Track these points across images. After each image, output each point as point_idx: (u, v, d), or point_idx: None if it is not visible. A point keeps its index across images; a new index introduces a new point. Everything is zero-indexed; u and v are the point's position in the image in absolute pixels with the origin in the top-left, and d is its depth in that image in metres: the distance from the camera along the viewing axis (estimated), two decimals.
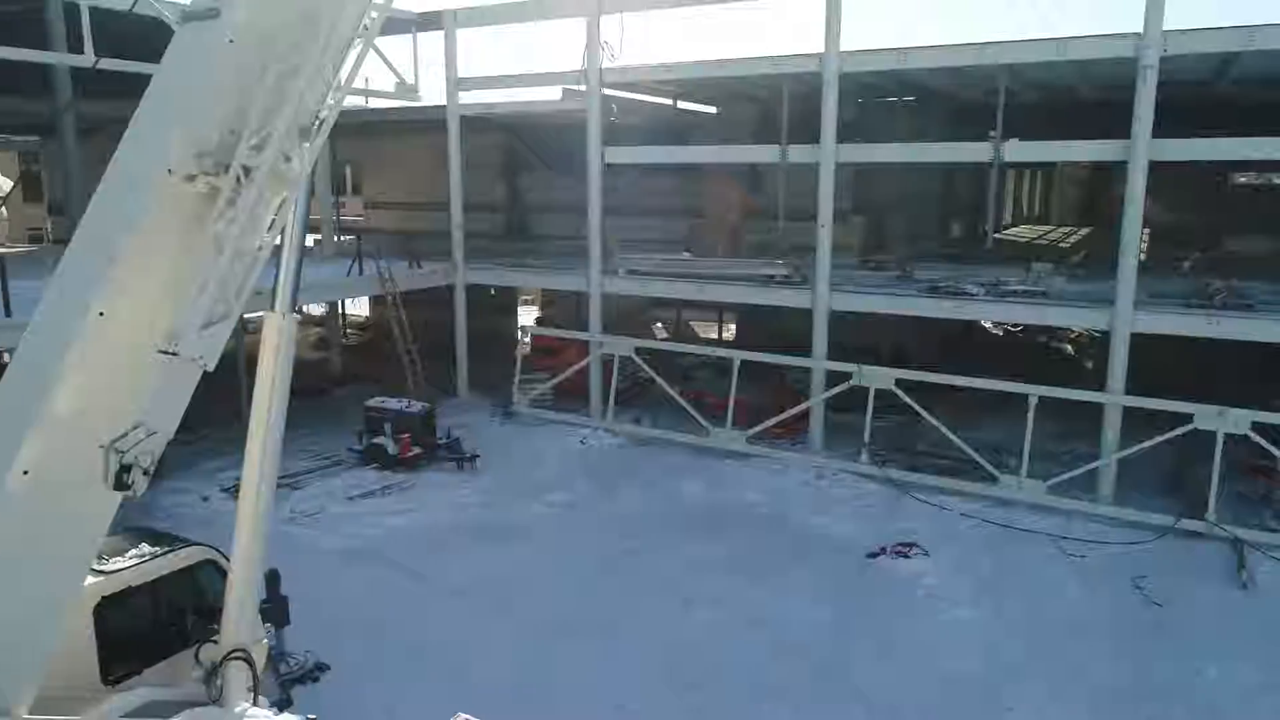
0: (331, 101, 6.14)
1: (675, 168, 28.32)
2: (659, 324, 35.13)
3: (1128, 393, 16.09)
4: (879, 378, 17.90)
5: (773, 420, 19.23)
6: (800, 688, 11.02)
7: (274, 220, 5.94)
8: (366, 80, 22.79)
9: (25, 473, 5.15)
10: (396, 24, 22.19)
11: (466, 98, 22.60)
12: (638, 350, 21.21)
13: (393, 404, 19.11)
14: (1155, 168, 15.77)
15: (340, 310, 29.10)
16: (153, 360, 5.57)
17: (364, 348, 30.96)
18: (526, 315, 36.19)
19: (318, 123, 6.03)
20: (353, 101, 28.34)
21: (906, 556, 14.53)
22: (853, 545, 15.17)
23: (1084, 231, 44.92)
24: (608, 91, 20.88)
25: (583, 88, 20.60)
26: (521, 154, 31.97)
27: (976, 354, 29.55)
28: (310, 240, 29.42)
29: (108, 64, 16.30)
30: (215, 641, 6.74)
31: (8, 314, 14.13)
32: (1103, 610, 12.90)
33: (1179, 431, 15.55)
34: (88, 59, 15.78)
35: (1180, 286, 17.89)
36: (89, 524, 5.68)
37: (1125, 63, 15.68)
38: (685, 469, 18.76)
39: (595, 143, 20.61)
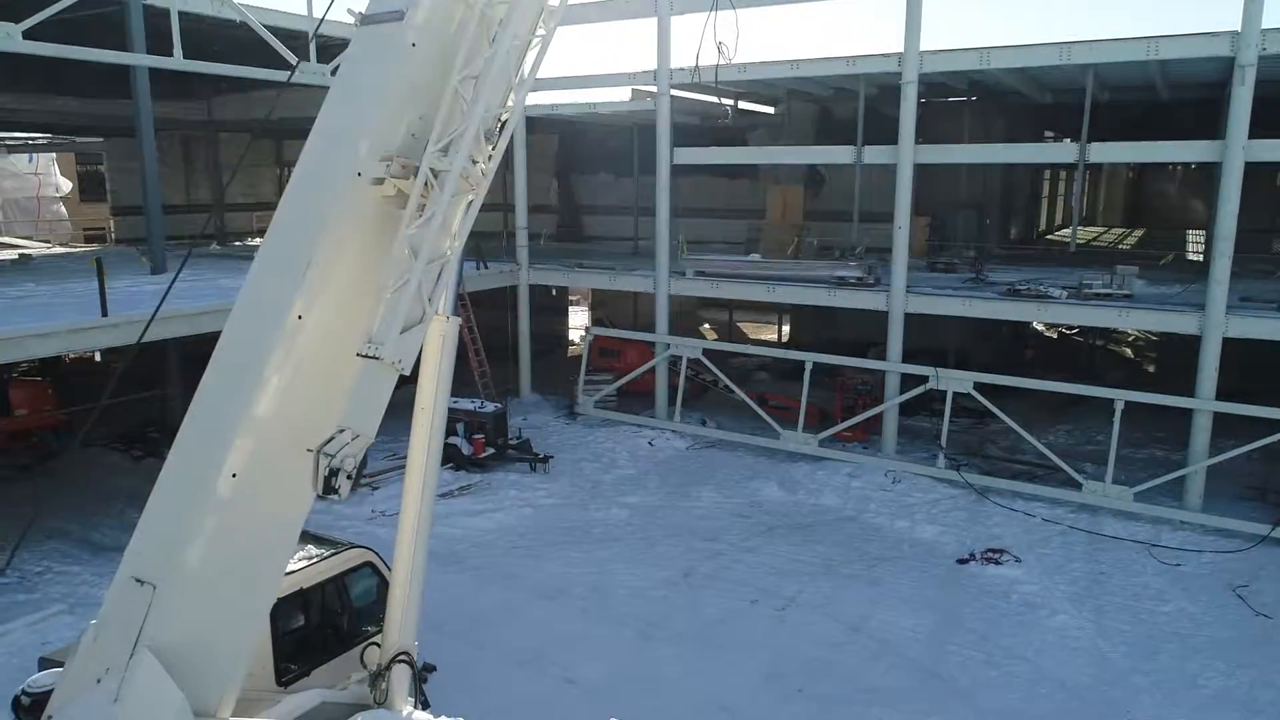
0: (511, 102, 6.10)
1: (730, 168, 28.30)
2: (706, 324, 35.09)
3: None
4: (956, 381, 17.69)
5: (848, 423, 19.12)
6: (909, 693, 10.91)
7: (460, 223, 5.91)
8: None
9: (234, 476, 5.17)
10: None
11: (530, 98, 22.55)
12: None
13: (465, 404, 19.15)
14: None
15: None
16: (348, 364, 5.59)
17: None
18: (576, 316, 36.26)
19: (499, 124, 6.01)
20: None
21: (997, 563, 14.36)
22: (939, 550, 15.04)
23: (1137, 232, 44.39)
24: (675, 93, 20.82)
25: (653, 88, 20.54)
26: (573, 155, 32.03)
27: (1033, 356, 29.32)
28: None
29: (191, 66, 16.42)
30: (377, 644, 6.75)
31: (104, 314, 14.23)
32: (1207, 619, 12.67)
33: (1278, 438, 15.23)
34: (177, 61, 15.82)
35: (1260, 290, 17.50)
36: (289, 526, 5.71)
37: (1218, 62, 15.41)
38: (758, 471, 18.67)
39: (665, 143, 20.54)
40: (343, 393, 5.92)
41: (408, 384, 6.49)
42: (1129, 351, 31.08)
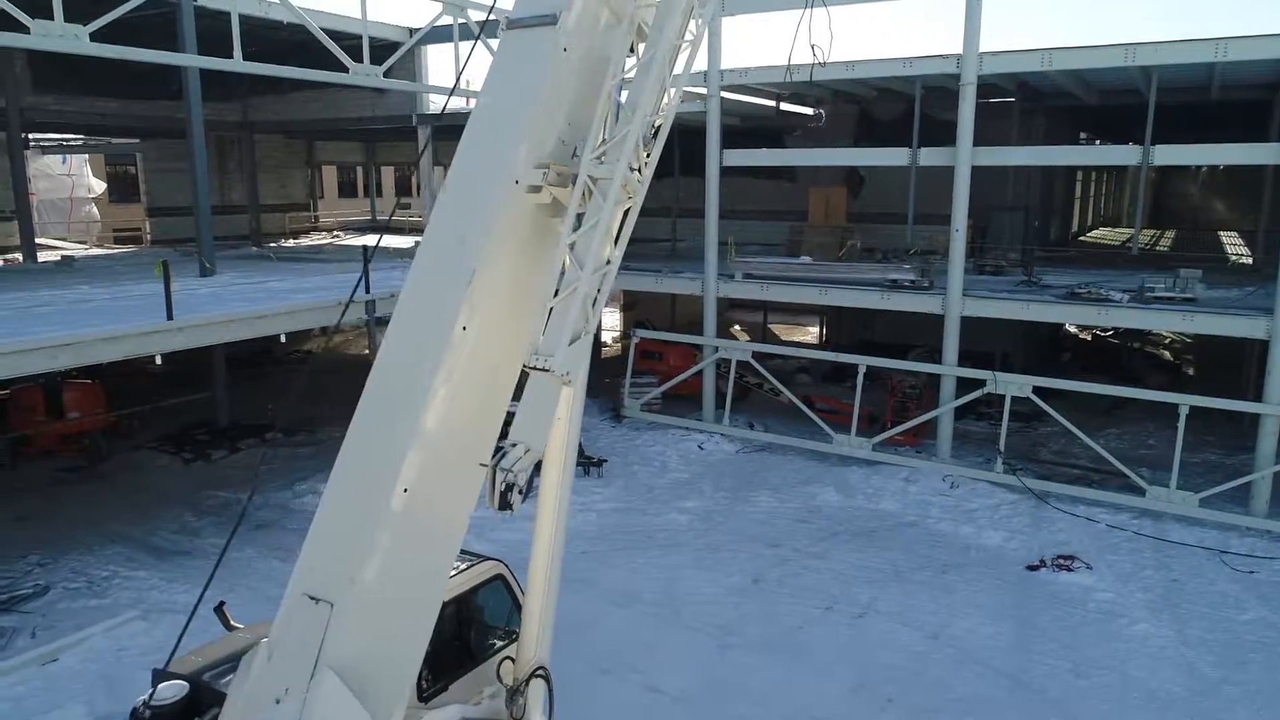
0: (665, 106, 5.99)
1: (770, 170, 28.18)
2: (736, 326, 34.96)
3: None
4: (1015, 385, 17.55)
5: (903, 426, 18.99)
6: (999, 703, 10.78)
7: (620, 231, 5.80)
8: (467, 82, 22.75)
9: (405, 490, 5.08)
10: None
11: None
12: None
13: (514, 408, 19.00)
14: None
15: None
16: (506, 376, 5.50)
17: None
18: (605, 318, 36.13)
19: (653, 129, 5.90)
20: (458, 102, 28.42)
21: (1069, 570, 14.21)
22: (1006, 556, 14.90)
23: (1155, 233, 44.10)
24: (726, 95, 20.71)
25: (702, 90, 20.43)
26: None
27: (1070, 359, 29.14)
28: (411, 242, 29.69)
29: (250, 68, 16.37)
30: (511, 658, 6.66)
31: (170, 317, 14.18)
32: None
33: None
34: (236, 63, 15.76)
35: None
36: (454, 539, 5.64)
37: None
38: (812, 476, 18.55)
39: (714, 145, 20.46)
40: (498, 405, 5.85)
41: None
42: (1167, 354, 30.86)
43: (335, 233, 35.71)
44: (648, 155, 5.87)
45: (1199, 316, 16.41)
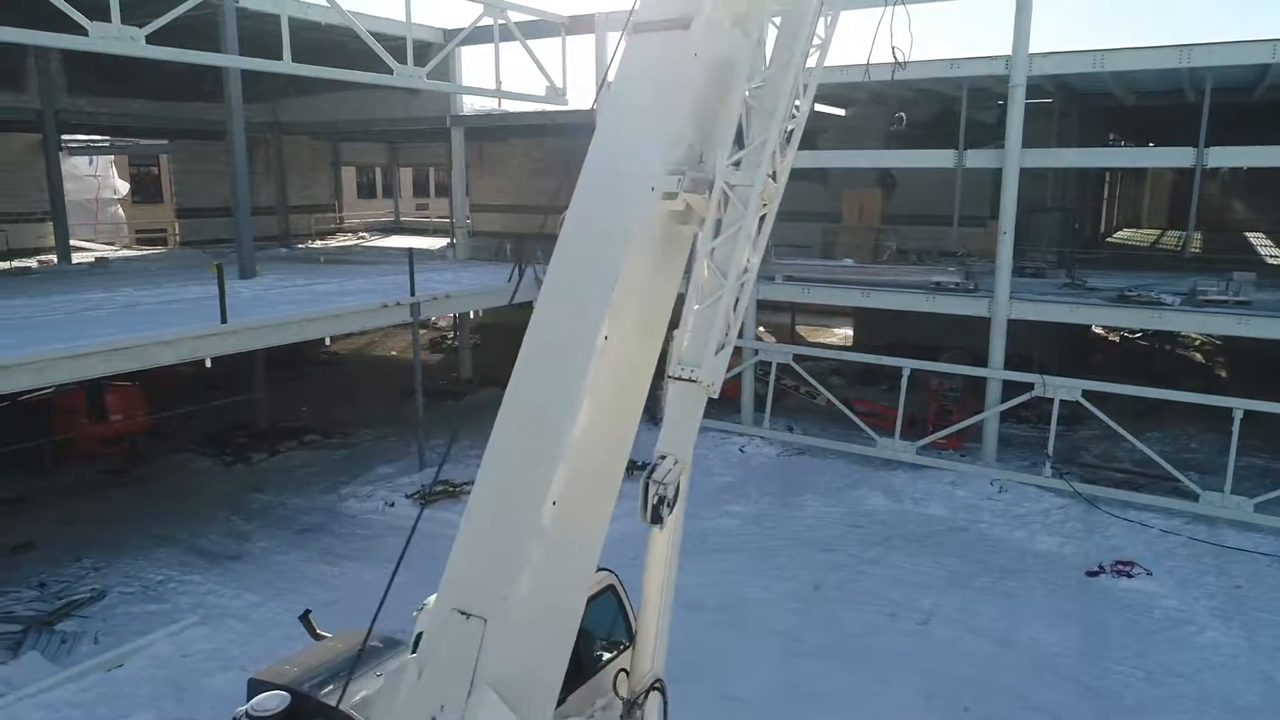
0: (799, 111, 5.89)
1: (799, 171, 28.02)
2: (761, 327, 34.81)
3: None
4: (1065, 389, 17.42)
5: (948, 430, 18.87)
6: (1076, 712, 10.66)
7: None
8: (502, 83, 22.68)
9: (554, 504, 4.98)
10: (544, 27, 22.14)
11: None
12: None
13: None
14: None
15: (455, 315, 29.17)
16: (640, 387, 5.41)
17: (480, 351, 31.00)
18: None
19: (787, 134, 5.80)
20: (485, 104, 28.38)
21: (1129, 575, 14.08)
22: (1063, 562, 14.77)
23: (1193, 234, 43.83)
24: None
25: None
26: None
27: (1102, 360, 28.99)
28: (438, 242, 29.65)
29: (299, 70, 16.30)
30: (625, 670, 6.56)
31: (224, 320, 14.12)
32: None
33: None
34: (286, 65, 15.69)
35: None
36: (595, 551, 5.54)
37: None
38: (857, 479, 18.43)
39: None
40: (633, 415, 5.75)
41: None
42: (1198, 356, 30.69)
43: (361, 234, 35.67)
44: (783, 160, 5.77)
45: (1255, 320, 16.25)
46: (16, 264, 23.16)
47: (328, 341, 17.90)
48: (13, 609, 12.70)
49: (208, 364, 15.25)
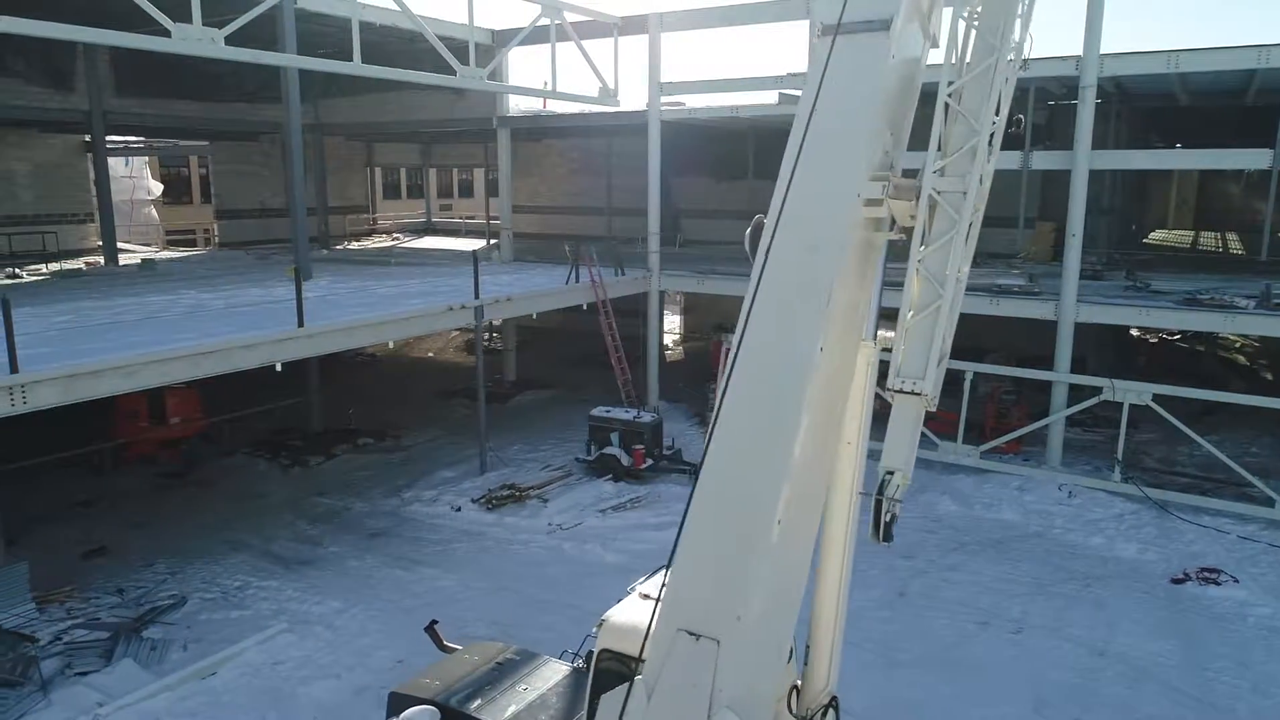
0: (998, 115, 5.73)
1: None
2: None
3: None
4: (1134, 393, 17.24)
5: (1012, 434, 18.70)
6: None
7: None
8: (546, 84, 22.57)
9: (779, 522, 4.84)
10: (597, 28, 22.00)
11: (666, 101, 22.29)
12: None
13: (620, 414, 18.84)
14: None
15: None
16: (842, 397, 5.27)
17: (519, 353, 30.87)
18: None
19: (974, 141, 5.65)
20: (529, 105, 28.26)
21: (1216, 583, 13.90)
22: (1145, 568, 14.60)
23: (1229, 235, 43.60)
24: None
25: (794, 91, 20.15)
26: (669, 158, 31.71)
27: (1145, 363, 28.78)
28: (473, 243, 29.46)
29: (366, 71, 16.18)
30: (797, 687, 6.42)
31: (300, 324, 14.00)
32: None
33: None
34: (356, 66, 15.56)
35: None
36: (807, 568, 5.39)
37: None
38: (923, 483, 18.20)
39: None
40: (837, 428, 5.61)
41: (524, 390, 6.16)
42: (1241, 358, 30.47)
43: (395, 235, 35.57)
44: (988, 164, 5.62)
45: None
46: (66, 266, 23.05)
47: (390, 344, 17.74)
48: (98, 615, 12.59)
49: (278, 368, 15.10)
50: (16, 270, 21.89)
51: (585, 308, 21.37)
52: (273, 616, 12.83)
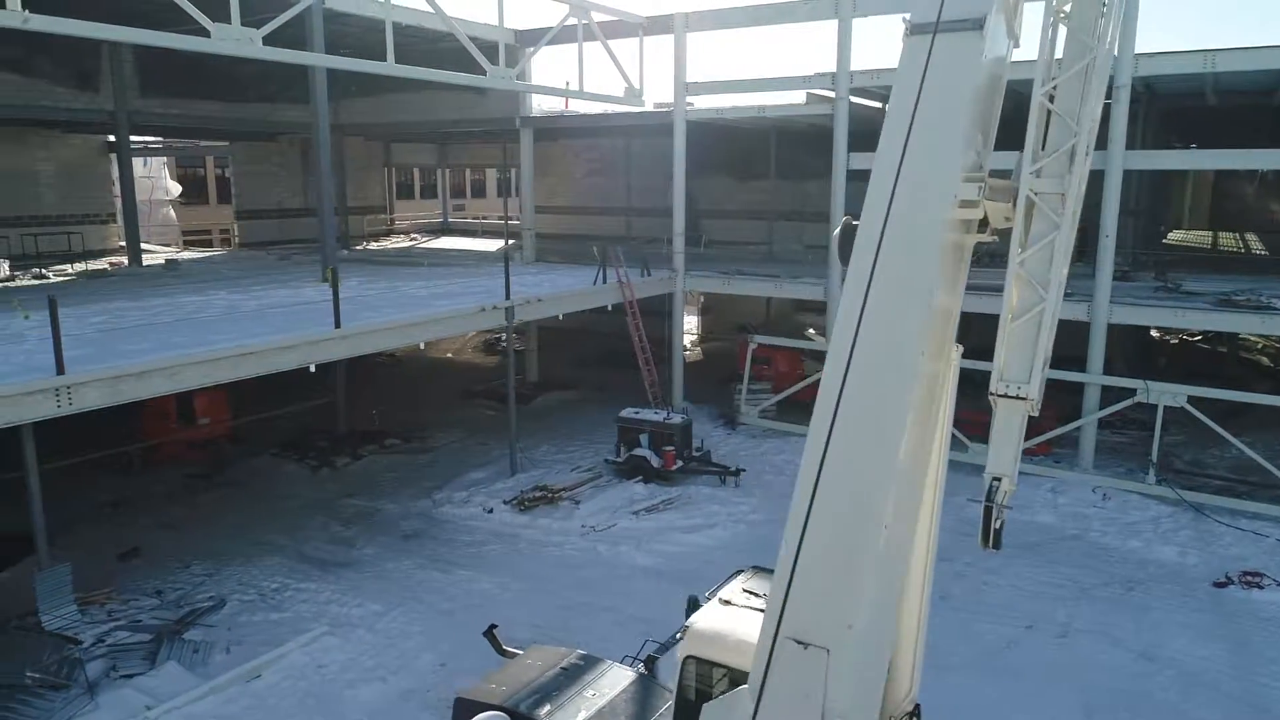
0: (1092, 117, 5.64)
1: (866, 173, 27.78)
2: (811, 330, 34.56)
3: None
4: (1169, 395, 17.13)
5: (1044, 436, 18.56)
6: None
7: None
8: (568, 83, 22.47)
9: (885, 528, 4.77)
10: (624, 27, 21.92)
11: (695, 102, 22.23)
12: None
13: (649, 415, 18.77)
14: None
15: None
16: (934, 403, 5.20)
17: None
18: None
19: (1073, 142, 5.56)
20: (549, 104, 28.20)
21: (1259, 587, 13.78)
22: (1186, 572, 14.50)
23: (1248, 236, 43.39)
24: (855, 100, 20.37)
25: (829, 92, 20.09)
26: (693, 158, 31.61)
27: (1166, 364, 28.62)
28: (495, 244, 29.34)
29: (401, 71, 16.10)
30: None
31: (337, 325, 13.95)
32: None
33: None
34: (390, 66, 15.49)
35: None
36: (901, 577, 5.31)
37: None
38: (953, 486, 17.70)
39: (842, 148, 20.11)
40: (931, 432, 5.54)
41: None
42: (1264, 359, 30.31)
43: (412, 235, 35.53)
44: (1084, 165, 5.54)
45: None
46: (90, 266, 23.05)
47: (421, 346, 17.71)
48: (139, 617, 12.54)
49: (312, 369, 15.06)
50: (43, 270, 21.89)
51: (609, 309, 21.33)
52: (313, 619, 12.77)
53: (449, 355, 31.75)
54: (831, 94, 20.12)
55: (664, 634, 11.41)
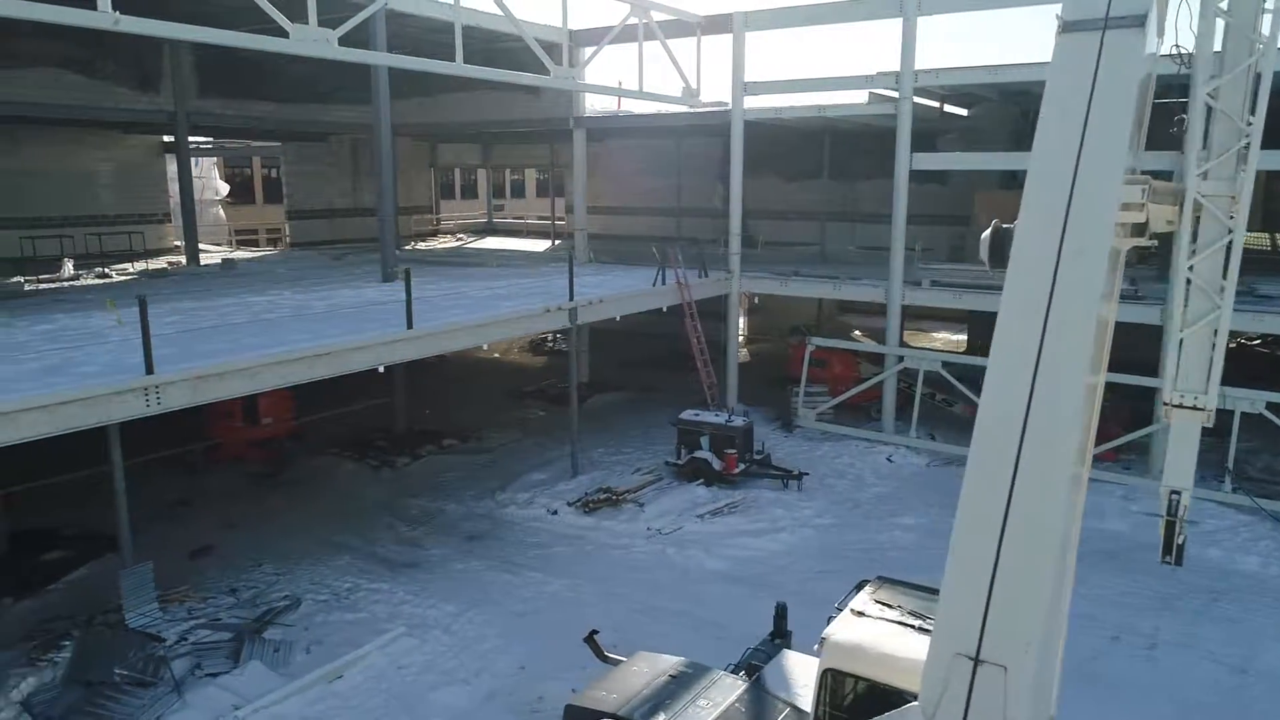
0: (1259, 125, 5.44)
1: (919, 173, 27.43)
2: (857, 331, 34.22)
3: None
4: (1245, 401, 16.72)
5: (1116, 442, 18.23)
6: None
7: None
8: (619, 82, 22.38)
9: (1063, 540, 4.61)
10: (681, 26, 21.81)
11: (750, 102, 22.05)
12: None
13: (709, 417, 18.63)
14: None
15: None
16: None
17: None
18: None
19: (1245, 142, 5.37)
20: (601, 104, 28.15)
21: None
22: (1271, 582, 14.17)
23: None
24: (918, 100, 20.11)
25: (894, 93, 19.82)
26: (744, 158, 31.44)
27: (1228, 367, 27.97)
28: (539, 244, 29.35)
29: (467, 71, 16.08)
30: None
31: (410, 325, 13.95)
32: None
33: None
34: (458, 66, 15.47)
35: None
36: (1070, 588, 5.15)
37: None
38: None
39: (904, 149, 19.84)
40: (1089, 447, 5.36)
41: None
42: None
43: (458, 235, 35.64)
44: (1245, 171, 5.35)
45: None
46: (150, 265, 23.30)
47: (485, 347, 17.70)
48: (218, 615, 12.61)
49: (380, 370, 15.08)
50: (106, 270, 22.15)
51: (664, 310, 21.21)
52: (388, 619, 12.77)
53: (495, 355, 31.78)
54: (894, 94, 19.84)
55: (740, 639, 11.31)
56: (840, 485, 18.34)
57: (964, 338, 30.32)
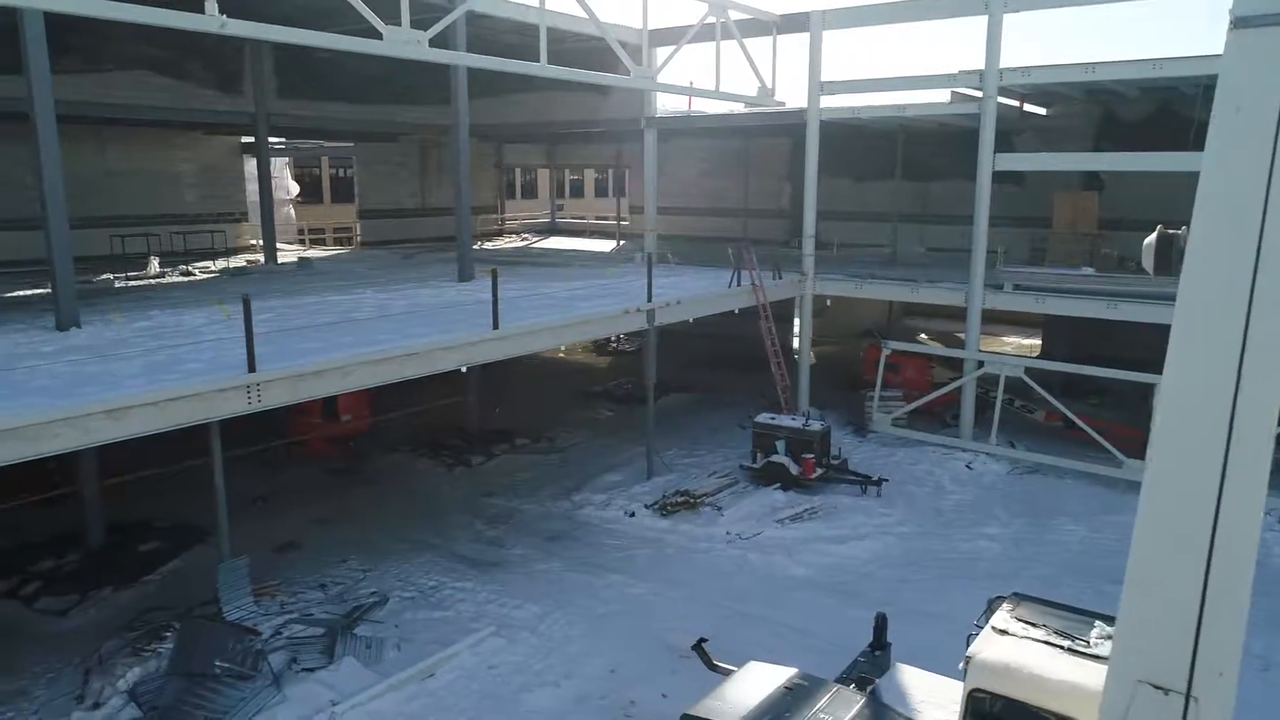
0: None
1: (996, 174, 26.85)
2: (922, 335, 33.61)
3: None
4: None
5: None
6: None
7: None
8: (691, 82, 22.19)
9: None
10: (757, 25, 21.61)
11: (827, 101, 21.77)
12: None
13: (786, 421, 18.42)
14: None
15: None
16: None
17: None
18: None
19: None
20: (672, 104, 28.04)
21: None
22: None
23: None
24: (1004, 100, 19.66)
25: (977, 92, 19.40)
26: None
27: None
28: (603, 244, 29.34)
29: (551, 72, 16.08)
30: None
31: (495, 326, 13.99)
32: None
33: None
34: (541, 67, 15.46)
35: None
36: None
37: None
38: (1109, 503, 17.34)
39: (988, 150, 19.39)
40: None
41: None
42: None
43: (524, 235, 35.83)
44: None
45: None
46: (231, 264, 23.79)
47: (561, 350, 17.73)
48: (309, 610, 12.77)
49: (463, 370, 15.19)
50: (189, 269, 22.66)
51: (736, 312, 21.02)
52: (474, 619, 12.82)
53: (560, 354, 31.87)
54: (977, 93, 19.42)
55: (828, 648, 11.16)
56: (920, 492, 18.00)
57: (1037, 342, 29.60)
